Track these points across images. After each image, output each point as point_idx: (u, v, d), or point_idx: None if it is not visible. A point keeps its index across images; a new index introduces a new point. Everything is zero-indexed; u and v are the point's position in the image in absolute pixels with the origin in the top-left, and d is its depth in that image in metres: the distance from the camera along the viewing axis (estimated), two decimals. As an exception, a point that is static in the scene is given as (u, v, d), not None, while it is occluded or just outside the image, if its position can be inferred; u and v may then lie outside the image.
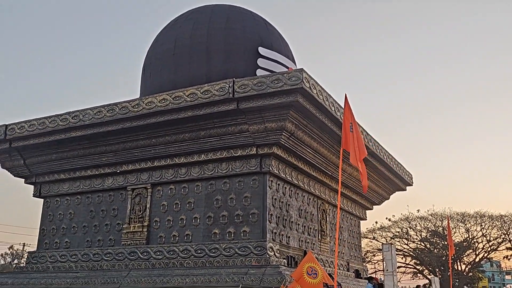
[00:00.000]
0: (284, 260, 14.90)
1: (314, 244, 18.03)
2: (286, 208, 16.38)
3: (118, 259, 16.41)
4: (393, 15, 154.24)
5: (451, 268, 32.56)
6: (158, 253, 15.75)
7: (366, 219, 24.45)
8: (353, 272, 20.92)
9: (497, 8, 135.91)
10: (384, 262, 13.02)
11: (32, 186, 19.81)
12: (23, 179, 19.79)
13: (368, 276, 19.86)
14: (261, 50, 19.52)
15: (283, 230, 15.92)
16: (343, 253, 20.71)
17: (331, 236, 19.31)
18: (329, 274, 14.32)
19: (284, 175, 16.07)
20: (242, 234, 14.95)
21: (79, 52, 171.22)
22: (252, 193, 15.23)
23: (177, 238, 15.92)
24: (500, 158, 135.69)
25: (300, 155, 16.13)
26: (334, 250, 19.42)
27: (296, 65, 21.27)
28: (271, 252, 14.30)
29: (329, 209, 19.79)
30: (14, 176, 19.84)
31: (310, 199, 18.36)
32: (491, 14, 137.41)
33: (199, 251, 15.09)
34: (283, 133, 14.55)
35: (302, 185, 17.40)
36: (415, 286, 21.62)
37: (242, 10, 21.26)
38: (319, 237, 18.61)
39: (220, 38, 19.33)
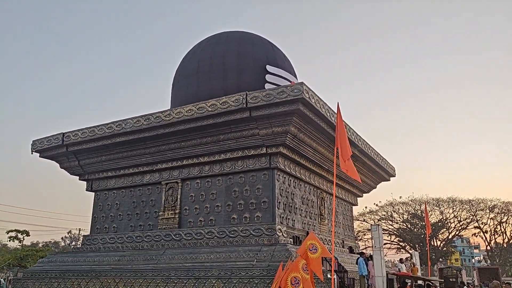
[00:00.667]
0: (291, 239, 14.83)
1: (314, 226, 17.90)
2: (291, 197, 16.30)
3: (156, 240, 16.50)
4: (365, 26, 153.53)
5: (428, 244, 32.18)
6: (188, 235, 15.80)
7: (357, 205, 24.23)
8: (347, 248, 20.77)
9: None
10: (372, 240, 12.91)
11: (85, 182, 19.89)
12: (78, 177, 19.88)
13: (360, 251, 19.66)
14: (269, 67, 19.43)
15: (289, 215, 15.85)
16: (339, 233, 20.55)
17: (328, 219, 19.14)
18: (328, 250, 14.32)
19: (289, 170, 15.99)
20: (255, 219, 14.94)
21: (119, 74, 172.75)
22: (263, 185, 15.21)
23: (203, 223, 15.94)
24: (468, 149, 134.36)
25: (302, 153, 16.05)
26: (331, 231, 19.28)
27: (297, 78, 21.15)
28: (279, 233, 14.25)
29: (327, 197, 19.62)
30: (70, 174, 19.97)
31: (311, 189, 18.21)
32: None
33: (221, 233, 15.11)
34: (288, 136, 14.51)
35: (304, 178, 17.29)
36: (398, 259, 21.32)
37: (252, 35, 21.18)
38: (319, 220, 18.46)
39: (233, 59, 19.29)
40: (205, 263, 13.74)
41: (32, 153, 19.73)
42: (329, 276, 12.67)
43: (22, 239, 43.77)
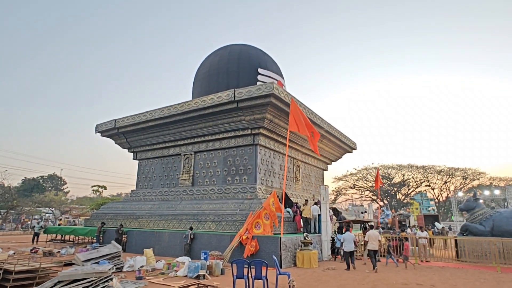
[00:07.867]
0: (269, 195, 14.97)
1: (290, 185, 17.98)
2: (271, 165, 16.31)
3: (176, 194, 16.98)
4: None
5: (380, 197, 31.53)
6: (197, 191, 16.18)
7: (327, 170, 23.94)
8: (317, 201, 20.77)
9: None
10: (320, 196, 12.89)
11: (132, 154, 20.50)
12: (127, 150, 20.51)
13: (316, 201, 19.55)
14: (260, 70, 19.17)
15: (268, 178, 15.93)
16: (311, 190, 20.45)
17: (302, 181, 19.16)
18: (295, 203, 14.37)
19: (269, 146, 15.97)
20: (243, 180, 15.14)
21: (157, 77, 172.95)
22: (249, 157, 15.32)
23: (207, 182, 16.28)
24: (422, 125, 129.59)
25: (278, 133, 15.96)
26: (303, 189, 19.37)
27: (283, 77, 20.76)
28: (259, 191, 14.41)
29: (302, 165, 19.58)
30: (122, 148, 20.58)
31: (289, 159, 18.12)
32: None
33: (219, 190, 15.41)
34: (265, 121, 14.44)
35: (282, 151, 17.20)
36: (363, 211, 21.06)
37: (248, 46, 20.80)
38: (294, 181, 18.50)
39: (235, 64, 19.11)
40: (205, 211, 14.14)
41: (96, 133, 20.42)
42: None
43: (101, 192, 45.73)
